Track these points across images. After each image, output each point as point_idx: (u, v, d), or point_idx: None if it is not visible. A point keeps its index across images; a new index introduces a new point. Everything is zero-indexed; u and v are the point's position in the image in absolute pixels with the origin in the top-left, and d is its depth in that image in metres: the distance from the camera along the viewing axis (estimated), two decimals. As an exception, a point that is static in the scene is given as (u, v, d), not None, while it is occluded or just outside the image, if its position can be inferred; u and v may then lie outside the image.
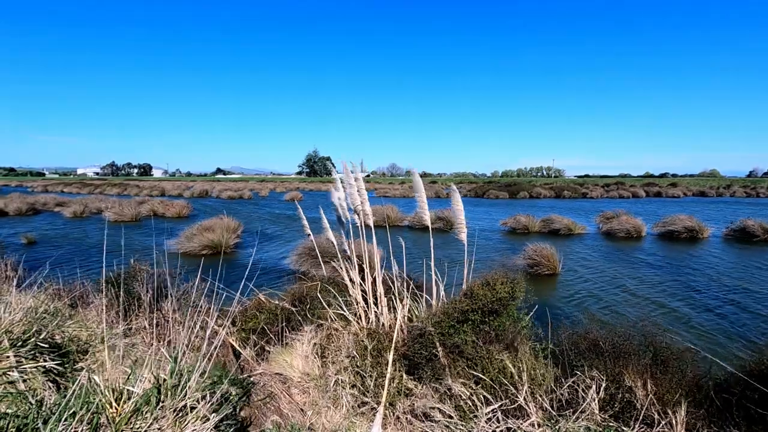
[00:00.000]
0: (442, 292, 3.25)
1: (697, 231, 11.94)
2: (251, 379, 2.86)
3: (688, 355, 2.56)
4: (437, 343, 2.52)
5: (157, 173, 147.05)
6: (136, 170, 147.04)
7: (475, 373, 2.36)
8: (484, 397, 2.27)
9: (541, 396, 2.20)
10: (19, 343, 2.41)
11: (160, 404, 1.85)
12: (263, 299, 3.83)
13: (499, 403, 2.23)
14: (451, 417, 2.28)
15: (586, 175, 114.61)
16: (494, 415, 2.21)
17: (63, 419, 1.63)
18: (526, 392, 2.18)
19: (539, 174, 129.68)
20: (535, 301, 3.07)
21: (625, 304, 5.81)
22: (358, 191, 3.30)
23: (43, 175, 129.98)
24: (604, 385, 2.14)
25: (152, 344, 3.10)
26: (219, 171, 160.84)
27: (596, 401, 2.11)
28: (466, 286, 2.93)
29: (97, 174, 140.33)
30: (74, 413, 1.69)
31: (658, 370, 2.30)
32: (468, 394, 2.30)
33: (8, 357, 2.21)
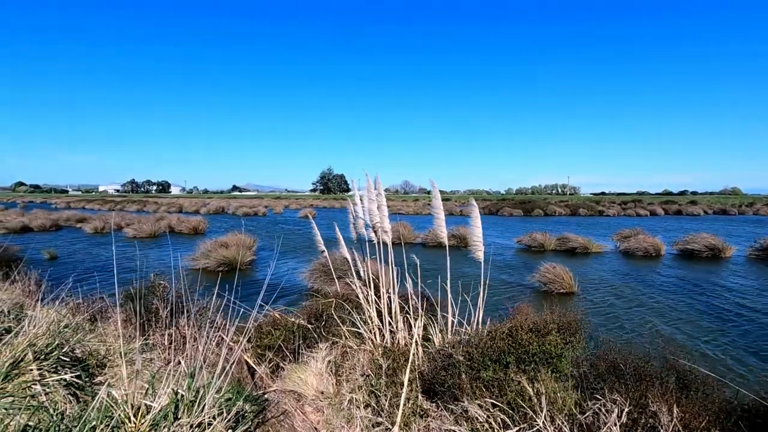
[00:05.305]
0: (458, 312, 3.22)
1: (719, 250, 11.61)
2: (266, 396, 2.85)
3: (713, 380, 2.47)
4: (464, 375, 2.43)
5: (175, 190, 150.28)
6: (155, 187, 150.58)
7: (491, 400, 2.31)
8: (502, 420, 2.22)
9: (561, 420, 2.14)
10: (42, 357, 2.46)
11: (178, 420, 1.86)
12: (278, 316, 3.84)
13: (517, 428, 2.18)
14: (467, 439, 2.23)
15: (602, 193, 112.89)
16: (512, 439, 2.15)
17: (83, 433, 1.66)
18: (545, 416, 2.12)
19: (554, 191, 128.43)
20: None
21: (645, 325, 5.65)
22: (378, 207, 3.32)
23: (67, 192, 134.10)
24: (626, 409, 2.07)
25: (169, 360, 3.13)
26: (235, 188, 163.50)
27: (618, 426, 2.04)
28: (511, 323, 2.66)
29: (118, 191, 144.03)
30: (94, 427, 1.71)
31: (683, 395, 2.22)
32: (485, 417, 2.25)
33: (32, 370, 2.26)
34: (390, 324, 3.25)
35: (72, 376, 2.44)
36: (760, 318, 6.01)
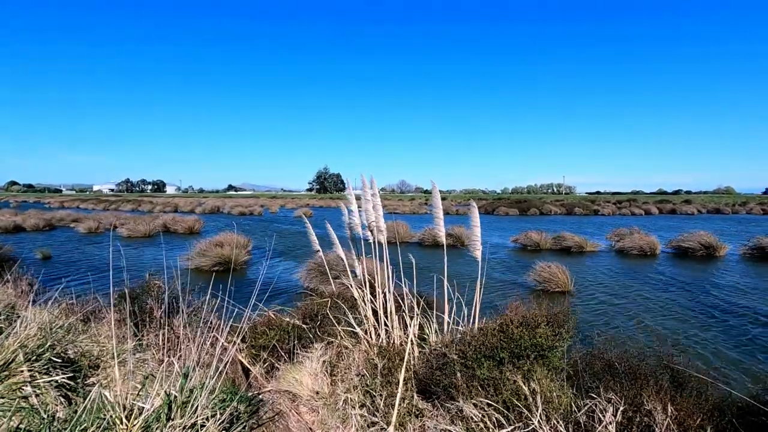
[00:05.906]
0: (453, 311, 3.21)
1: (714, 248, 11.69)
2: (260, 396, 2.84)
3: (707, 378, 2.48)
4: (458, 374, 2.43)
5: (170, 190, 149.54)
6: (150, 187, 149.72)
7: (487, 399, 2.31)
8: (497, 419, 2.22)
9: (556, 420, 2.14)
10: (33, 358, 2.43)
11: (170, 421, 1.84)
12: (273, 316, 3.82)
13: (512, 427, 2.18)
14: (462, 439, 2.22)
15: (598, 192, 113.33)
16: (507, 438, 2.15)
17: (74, 435, 1.63)
18: (540, 415, 2.12)
19: (550, 191, 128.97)
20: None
21: (640, 324, 5.67)
22: (373, 207, 3.31)
23: (60, 191, 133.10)
24: (621, 408, 2.07)
25: (163, 360, 3.10)
26: (231, 188, 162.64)
27: (613, 424, 2.04)
28: (501, 319, 2.69)
29: (113, 190, 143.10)
30: (85, 429, 1.69)
31: (677, 393, 2.23)
32: (480, 416, 2.25)
33: (22, 371, 2.23)
34: (385, 323, 3.24)
35: (64, 378, 2.41)
36: (751, 315, 6.06)
